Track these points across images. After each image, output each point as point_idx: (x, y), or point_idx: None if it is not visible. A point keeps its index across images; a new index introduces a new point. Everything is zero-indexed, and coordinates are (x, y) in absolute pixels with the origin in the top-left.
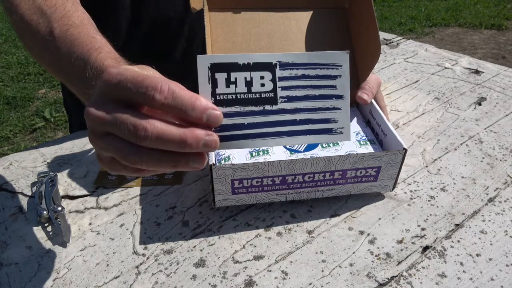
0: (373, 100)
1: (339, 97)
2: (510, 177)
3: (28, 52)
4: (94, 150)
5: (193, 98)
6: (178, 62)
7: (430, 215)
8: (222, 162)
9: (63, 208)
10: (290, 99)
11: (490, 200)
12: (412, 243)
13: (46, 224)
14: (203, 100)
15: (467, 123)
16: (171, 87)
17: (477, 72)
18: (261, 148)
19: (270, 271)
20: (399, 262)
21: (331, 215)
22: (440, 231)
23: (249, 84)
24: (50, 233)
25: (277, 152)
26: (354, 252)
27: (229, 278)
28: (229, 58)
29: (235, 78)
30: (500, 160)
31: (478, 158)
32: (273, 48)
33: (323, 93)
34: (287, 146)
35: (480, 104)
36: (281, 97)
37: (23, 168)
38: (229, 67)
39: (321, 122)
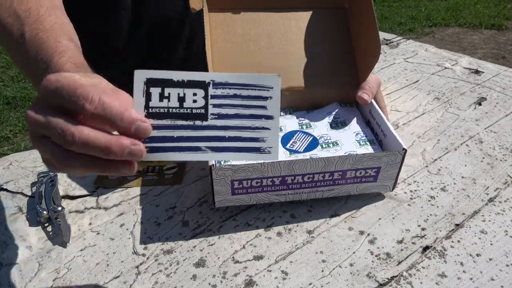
0: (373, 100)
1: (269, 117)
2: (510, 177)
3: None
4: None
5: (122, 109)
6: (179, 62)
7: (430, 215)
8: (222, 162)
9: (63, 208)
10: (220, 116)
11: (490, 200)
12: (412, 243)
13: (46, 224)
14: (132, 112)
15: (467, 123)
16: (101, 98)
17: (477, 72)
18: None
19: (270, 271)
20: (399, 262)
21: (331, 215)
22: (440, 231)
23: (181, 99)
24: (50, 233)
25: None
26: (354, 252)
27: (229, 278)
28: (165, 74)
29: (169, 93)
30: (500, 160)
31: (478, 158)
32: (273, 48)
33: (253, 113)
34: (287, 147)
35: (480, 104)
36: (212, 114)
37: (23, 168)
38: (164, 83)
39: (250, 140)
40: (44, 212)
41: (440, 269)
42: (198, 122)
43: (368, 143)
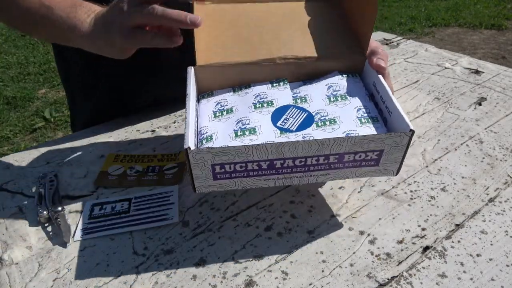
0: (380, 77)
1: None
2: (511, 177)
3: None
4: (93, 151)
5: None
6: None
7: (431, 215)
8: (204, 142)
9: (63, 208)
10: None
11: (491, 200)
12: (413, 243)
13: (46, 224)
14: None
15: (467, 123)
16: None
17: (477, 72)
18: (247, 127)
19: (270, 271)
20: (400, 262)
21: (331, 215)
22: (440, 231)
23: (113, 208)
24: (50, 233)
25: (265, 131)
26: (354, 252)
27: (229, 278)
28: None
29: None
30: (501, 160)
31: (479, 158)
32: (265, 31)
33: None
34: (278, 124)
35: (480, 104)
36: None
37: (23, 168)
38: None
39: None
40: (44, 212)
41: (440, 269)
42: (123, 215)
43: (370, 120)
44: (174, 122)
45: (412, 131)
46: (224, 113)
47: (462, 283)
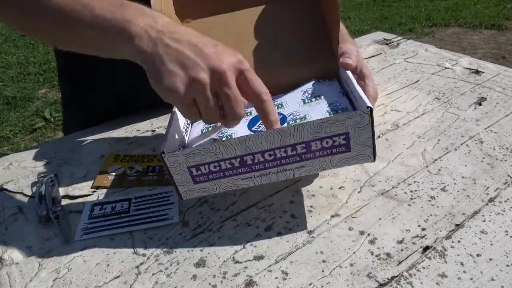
0: (348, 72)
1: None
2: (511, 177)
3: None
4: (93, 151)
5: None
6: None
7: (431, 215)
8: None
9: (63, 208)
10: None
11: (491, 200)
12: (413, 243)
13: (46, 224)
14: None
15: (467, 123)
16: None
17: (477, 72)
18: (225, 134)
19: (271, 271)
20: (400, 262)
21: (331, 215)
22: (440, 231)
23: (113, 208)
24: (50, 233)
25: (239, 130)
26: (354, 252)
27: (230, 278)
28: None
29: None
30: (501, 160)
31: (479, 158)
32: (241, 41)
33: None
34: (252, 129)
35: (480, 104)
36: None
37: (23, 168)
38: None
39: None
40: (44, 212)
41: (441, 269)
42: (123, 215)
43: (340, 111)
44: None
45: (370, 108)
46: (210, 129)
47: (462, 283)
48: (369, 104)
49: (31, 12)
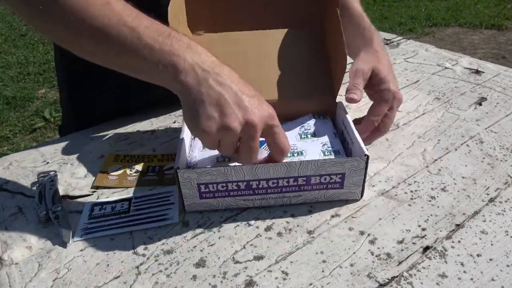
0: (348, 110)
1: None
2: (511, 177)
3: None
4: (93, 150)
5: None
6: None
7: (431, 215)
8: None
9: (63, 208)
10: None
11: (491, 200)
12: (413, 243)
13: (46, 224)
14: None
15: (467, 123)
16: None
17: (477, 72)
18: (226, 159)
19: (271, 271)
20: (400, 263)
21: (331, 215)
22: (440, 231)
23: (113, 208)
24: (50, 233)
25: None
26: (354, 253)
27: (230, 278)
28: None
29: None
30: (501, 160)
31: (479, 158)
32: (249, 65)
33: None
34: None
35: (480, 104)
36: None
37: (23, 168)
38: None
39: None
40: (44, 212)
41: (441, 270)
42: (123, 215)
43: (332, 153)
44: (174, 122)
45: (367, 156)
46: None
47: (462, 283)
48: (366, 152)
49: (72, 27)
